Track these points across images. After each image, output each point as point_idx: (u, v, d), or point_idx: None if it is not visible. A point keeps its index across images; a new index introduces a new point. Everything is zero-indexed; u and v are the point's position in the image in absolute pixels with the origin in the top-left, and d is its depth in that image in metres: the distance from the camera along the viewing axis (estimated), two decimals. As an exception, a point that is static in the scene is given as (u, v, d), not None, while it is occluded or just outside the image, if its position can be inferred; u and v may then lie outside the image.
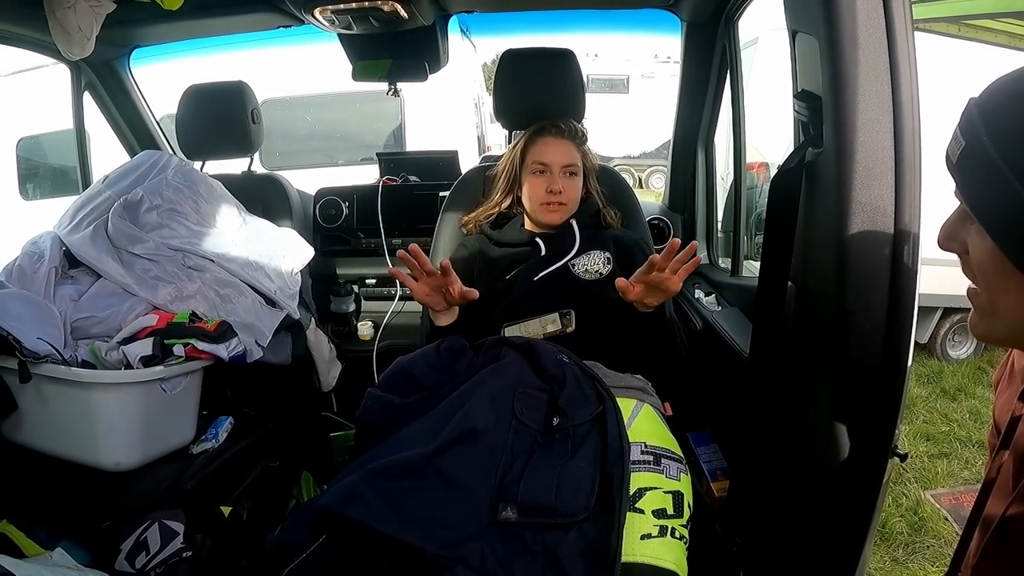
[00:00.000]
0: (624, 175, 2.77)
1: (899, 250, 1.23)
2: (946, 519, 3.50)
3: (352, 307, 3.08)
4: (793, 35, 1.42)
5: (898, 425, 1.29)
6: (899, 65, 1.21)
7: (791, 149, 1.41)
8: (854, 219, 1.22)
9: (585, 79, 2.60)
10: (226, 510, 2.00)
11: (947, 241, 0.90)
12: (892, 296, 1.24)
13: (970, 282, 0.92)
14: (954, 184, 0.85)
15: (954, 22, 4.45)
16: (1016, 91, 0.79)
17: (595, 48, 15.95)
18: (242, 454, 2.21)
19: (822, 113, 1.29)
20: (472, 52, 8.37)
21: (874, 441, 1.31)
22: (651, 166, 15.87)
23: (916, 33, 1.23)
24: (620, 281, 1.78)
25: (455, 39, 5.88)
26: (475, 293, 1.87)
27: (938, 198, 1.10)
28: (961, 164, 0.83)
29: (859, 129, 1.21)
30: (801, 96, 1.36)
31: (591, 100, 2.53)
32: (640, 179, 15.77)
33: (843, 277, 1.25)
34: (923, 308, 5.22)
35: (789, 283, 1.45)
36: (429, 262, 1.82)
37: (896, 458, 1.32)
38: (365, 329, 3.06)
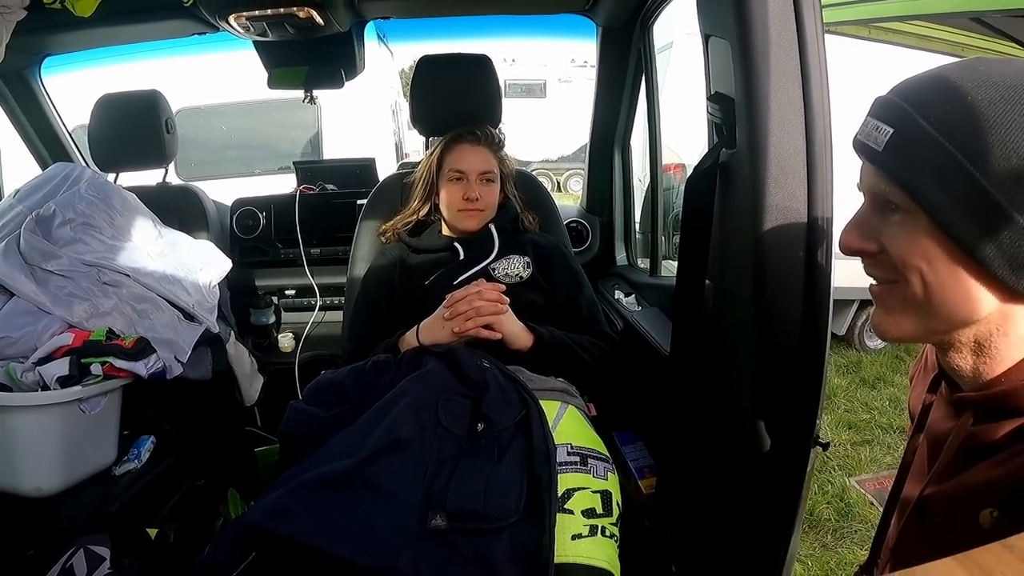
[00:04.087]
0: (543, 179, 2.82)
1: (813, 247, 1.25)
2: (871, 504, 3.62)
3: (272, 319, 3.06)
4: (706, 39, 1.44)
5: (819, 415, 1.31)
6: (810, 68, 1.23)
7: (706, 151, 1.44)
8: (768, 218, 1.24)
9: (503, 84, 2.60)
10: (153, 532, 1.96)
11: (863, 240, 0.92)
12: (807, 291, 1.26)
13: (875, 280, 0.95)
14: (882, 173, 0.87)
15: (864, 25, 4.56)
16: (949, 82, 0.82)
17: (513, 53, 16.02)
18: (166, 473, 2.17)
19: (735, 115, 1.31)
20: (389, 58, 8.37)
21: (796, 432, 1.33)
22: (568, 169, 15.99)
23: (827, 36, 1.26)
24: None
25: (371, 45, 5.87)
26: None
27: (848, 196, 1.12)
28: (894, 151, 0.85)
29: (771, 130, 1.23)
30: (714, 98, 1.38)
31: (509, 105, 2.55)
32: (559, 183, 15.88)
33: (759, 274, 1.27)
34: (840, 301, 5.36)
35: (707, 281, 1.48)
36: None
37: (819, 447, 1.35)
38: (286, 341, 3.03)
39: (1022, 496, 0.81)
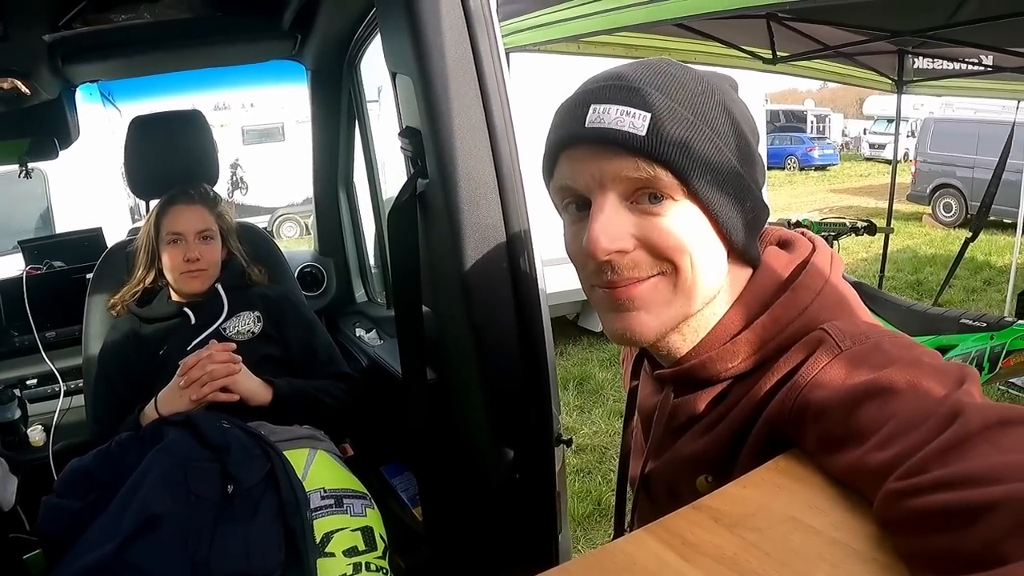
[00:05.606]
0: (291, 223, 2.79)
1: (515, 260, 1.32)
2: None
3: (18, 414, 2.81)
4: (393, 76, 1.49)
5: (555, 416, 1.38)
6: (490, 94, 1.30)
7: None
8: (467, 240, 1.30)
9: (240, 131, 2.57)
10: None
11: (620, 240, 0.83)
12: (518, 301, 1.33)
13: (632, 280, 0.86)
14: (648, 158, 0.81)
15: (573, 41, 4.76)
16: (662, 69, 0.85)
17: (251, 98, 15.68)
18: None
19: (423, 146, 1.37)
20: (118, 118, 8.01)
21: (537, 436, 1.39)
22: (282, 216, 15.57)
23: (539, 55, 1.33)
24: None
25: (96, 108, 5.59)
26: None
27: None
28: (659, 134, 0.80)
29: (458, 156, 1.28)
30: (404, 133, 1.43)
31: (248, 152, 2.54)
32: (271, 230, 15.45)
33: (468, 294, 1.33)
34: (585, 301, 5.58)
35: (426, 308, 1.52)
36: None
37: (563, 445, 1.42)
38: (36, 435, 2.80)
39: (726, 460, 0.87)
